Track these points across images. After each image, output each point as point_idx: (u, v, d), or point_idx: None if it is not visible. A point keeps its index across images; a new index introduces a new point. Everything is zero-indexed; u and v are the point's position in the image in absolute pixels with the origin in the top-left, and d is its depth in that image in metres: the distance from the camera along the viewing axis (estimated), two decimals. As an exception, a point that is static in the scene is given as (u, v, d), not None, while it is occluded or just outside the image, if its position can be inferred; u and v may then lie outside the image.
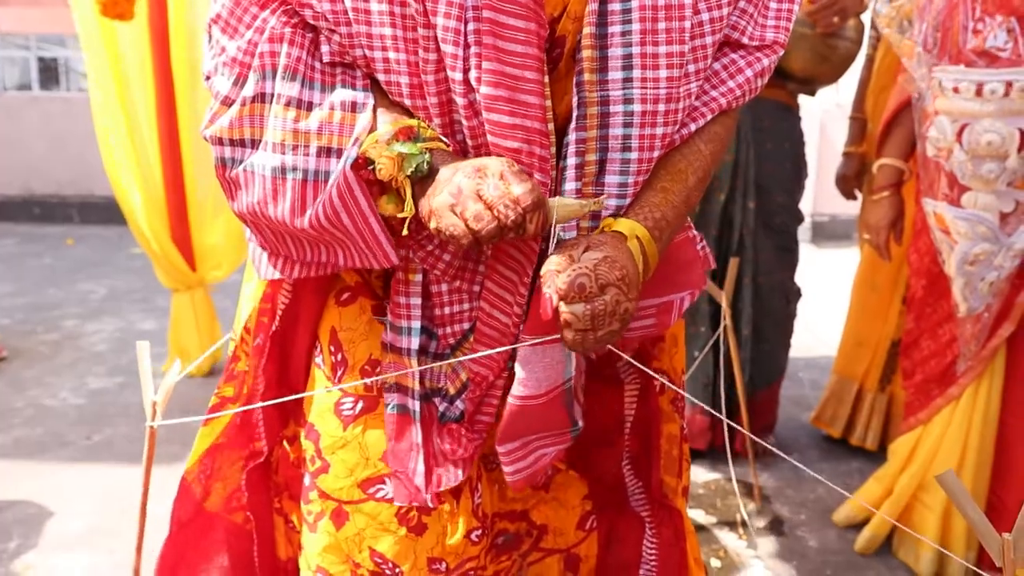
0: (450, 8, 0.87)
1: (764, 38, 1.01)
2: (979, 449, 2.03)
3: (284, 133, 0.91)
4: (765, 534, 2.34)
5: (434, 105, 0.92)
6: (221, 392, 1.19)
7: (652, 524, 1.22)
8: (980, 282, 1.86)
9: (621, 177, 0.95)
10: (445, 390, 1.04)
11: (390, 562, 1.05)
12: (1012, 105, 1.69)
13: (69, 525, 2.34)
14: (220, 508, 1.22)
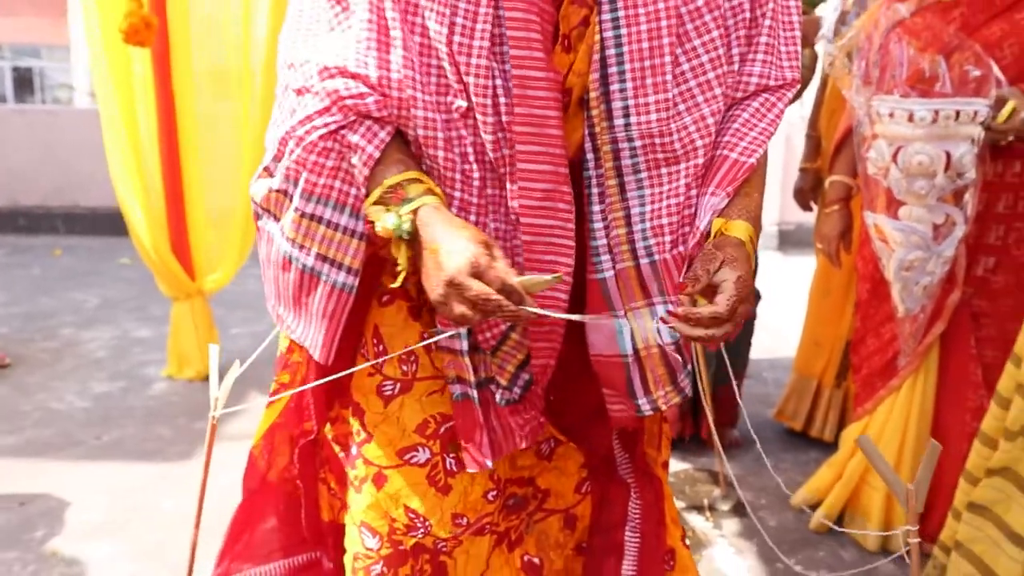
0: (479, 72, 1.10)
1: (784, 78, 1.25)
2: (917, 433, 2.27)
3: (295, 233, 1.16)
4: (729, 516, 2.57)
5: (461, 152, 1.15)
6: (279, 379, 1.40)
7: (636, 489, 1.43)
8: (915, 286, 2.11)
9: (637, 191, 1.18)
10: (497, 380, 1.25)
11: (421, 516, 1.26)
12: (939, 131, 1.93)
13: (87, 517, 2.52)
14: (276, 478, 1.44)
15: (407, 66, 1.11)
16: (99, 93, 3.44)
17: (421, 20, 1.12)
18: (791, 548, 2.38)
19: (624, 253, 1.20)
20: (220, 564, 1.49)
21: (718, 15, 1.18)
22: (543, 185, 1.14)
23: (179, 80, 3.47)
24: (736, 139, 1.21)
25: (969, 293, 2.18)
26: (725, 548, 2.40)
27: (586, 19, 1.16)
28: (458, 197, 1.17)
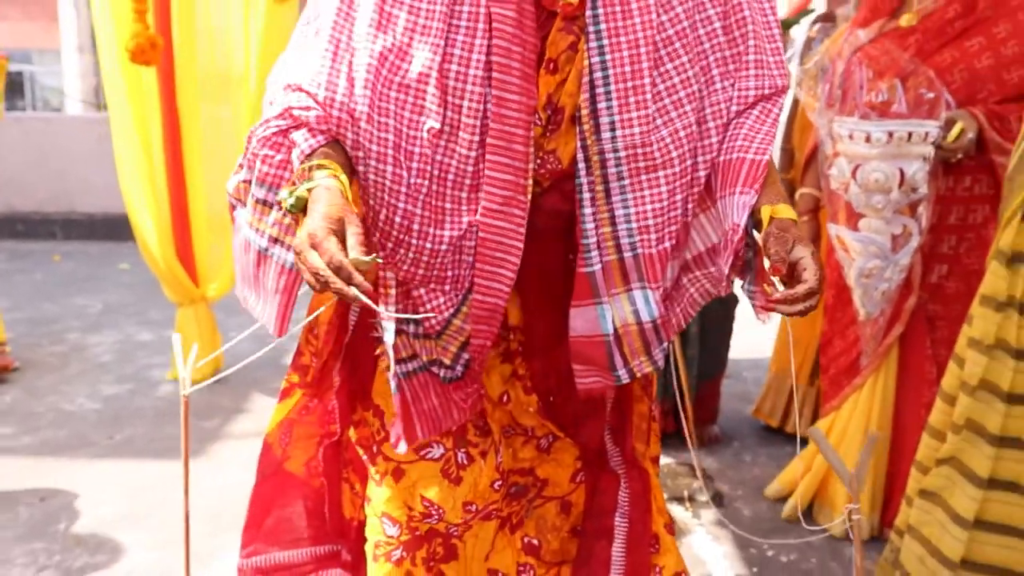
0: (472, 96, 1.26)
1: (776, 85, 1.39)
2: (878, 427, 2.45)
3: (252, 217, 1.31)
4: (707, 507, 2.75)
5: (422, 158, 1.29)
6: (290, 378, 1.57)
7: (626, 479, 1.58)
8: (874, 292, 2.29)
9: (622, 198, 1.34)
10: (441, 360, 1.40)
11: (436, 505, 1.43)
12: (893, 150, 2.11)
13: (105, 510, 2.68)
14: (301, 472, 1.59)
15: (349, 91, 1.27)
16: (111, 104, 3.59)
17: (403, 46, 1.27)
18: (764, 535, 2.56)
19: (609, 248, 1.35)
20: (246, 547, 1.64)
21: (687, 42, 1.34)
22: (504, 192, 1.29)
23: (183, 91, 3.62)
24: (748, 142, 1.35)
25: (925, 298, 2.36)
26: (703, 536, 2.58)
27: (574, 45, 1.32)
28: (402, 208, 1.30)
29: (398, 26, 1.27)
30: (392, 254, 1.33)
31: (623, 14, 1.29)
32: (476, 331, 1.35)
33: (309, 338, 1.54)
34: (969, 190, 2.29)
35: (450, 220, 1.31)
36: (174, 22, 3.56)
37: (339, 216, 1.14)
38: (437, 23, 1.26)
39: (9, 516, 2.63)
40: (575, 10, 1.30)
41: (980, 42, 2.27)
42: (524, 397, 1.49)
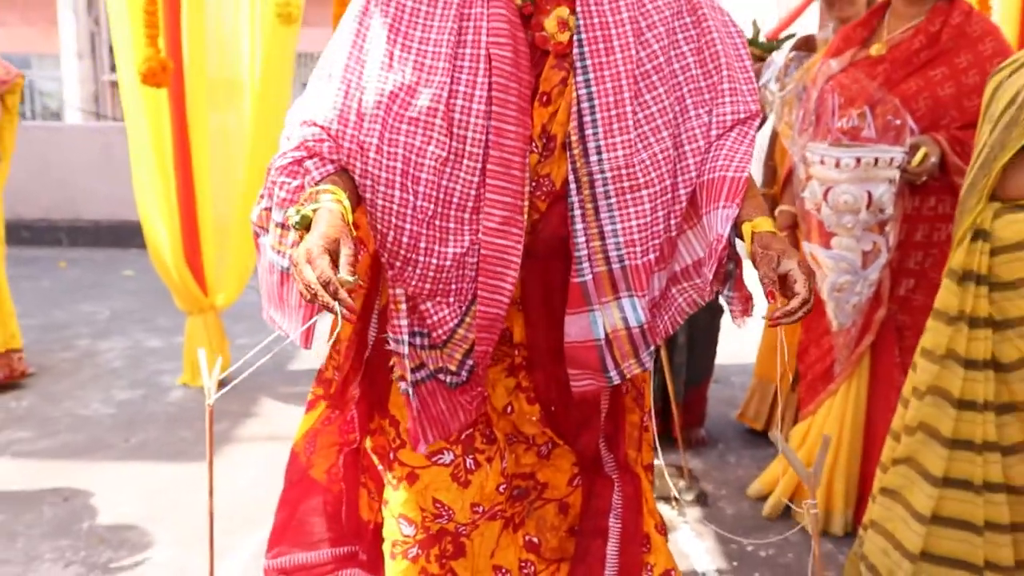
0: (476, 128, 1.42)
1: (750, 110, 1.55)
2: (851, 430, 2.63)
3: (275, 240, 1.47)
4: (692, 505, 2.92)
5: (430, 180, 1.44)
6: (314, 391, 1.73)
7: (619, 483, 1.73)
8: (846, 304, 2.46)
9: (609, 214, 1.49)
10: (447, 367, 1.55)
11: (446, 506, 1.59)
12: (861, 174, 2.28)
13: (125, 510, 2.84)
14: (323, 479, 1.75)
15: (358, 126, 1.43)
16: (128, 119, 3.75)
17: (413, 85, 1.42)
18: (745, 532, 2.73)
19: (599, 260, 1.50)
20: (272, 548, 1.80)
21: (663, 75, 1.50)
22: (503, 213, 1.44)
23: (192, 106, 3.77)
24: (728, 162, 1.49)
25: (894, 310, 2.53)
26: (687, 532, 2.75)
27: (564, 80, 1.49)
28: (409, 228, 1.44)
29: (407, 67, 1.43)
30: (400, 271, 1.48)
31: (606, 51, 1.46)
32: (480, 338, 1.50)
33: (332, 354, 1.70)
34: (934, 209, 2.45)
35: (454, 239, 1.46)
36: (184, 42, 3.72)
37: (336, 237, 1.28)
38: (443, 63, 1.42)
39: (35, 515, 2.79)
40: (565, 48, 1.48)
41: (943, 72, 2.45)
42: (527, 407, 1.64)
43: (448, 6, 1.46)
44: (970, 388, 1.97)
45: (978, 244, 1.96)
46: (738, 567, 2.57)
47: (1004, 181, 1.92)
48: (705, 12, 1.54)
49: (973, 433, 1.97)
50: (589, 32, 1.47)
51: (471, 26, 1.44)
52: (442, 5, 1.46)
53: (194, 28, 3.72)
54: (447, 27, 1.45)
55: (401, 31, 1.46)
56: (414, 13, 1.46)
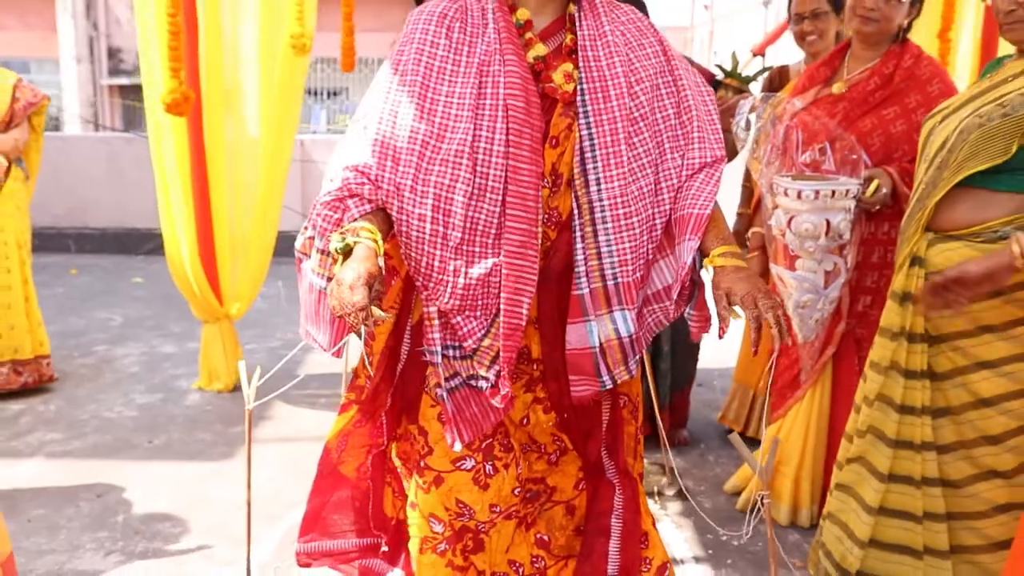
0: (496, 166, 1.67)
1: (716, 155, 1.80)
2: (816, 433, 2.91)
3: (316, 265, 1.71)
4: (673, 500, 3.20)
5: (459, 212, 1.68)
6: (348, 396, 1.98)
7: (619, 487, 1.94)
8: (809, 320, 2.74)
9: (606, 237, 1.75)
10: (478, 373, 1.76)
11: (468, 506, 1.83)
12: (820, 205, 2.54)
13: (155, 504, 3.11)
14: (352, 475, 2.00)
15: (395, 170, 1.67)
16: (152, 135, 3.98)
17: (441, 131, 1.67)
18: (721, 524, 3.00)
19: (596, 277, 1.77)
20: (304, 535, 2.05)
21: (648, 122, 1.79)
22: (521, 238, 1.69)
23: (209, 116, 4.00)
24: (695, 200, 1.76)
25: (852, 324, 2.81)
26: (669, 524, 3.03)
27: (570, 125, 1.76)
28: (439, 254, 1.69)
29: (436, 117, 1.69)
30: (433, 291, 1.73)
31: (604, 100, 1.73)
32: (505, 345, 1.73)
33: (364, 365, 1.95)
34: (887, 234, 2.73)
35: (479, 262, 1.70)
36: (201, 69, 3.96)
37: (375, 273, 1.55)
38: (467, 112, 1.68)
39: (73, 510, 3.05)
40: (570, 97, 1.75)
41: (895, 110, 2.73)
42: (543, 416, 1.89)
43: (470, 64, 1.71)
44: (910, 395, 2.24)
45: (915, 269, 2.24)
46: (713, 554, 2.85)
47: (937, 215, 2.20)
48: (680, 73, 1.82)
49: (913, 435, 2.25)
50: (590, 84, 1.74)
51: (490, 81, 1.69)
52: (465, 64, 1.71)
53: (212, 55, 3.97)
54: (469, 82, 1.70)
55: (430, 87, 1.70)
56: (441, 71, 1.71)
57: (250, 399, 2.10)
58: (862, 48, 2.82)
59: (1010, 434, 2.19)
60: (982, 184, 2.12)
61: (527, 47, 1.76)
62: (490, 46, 1.71)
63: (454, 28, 1.74)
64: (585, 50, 1.76)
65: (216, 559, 2.74)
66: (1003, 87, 2.13)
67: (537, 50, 1.76)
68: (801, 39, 3.44)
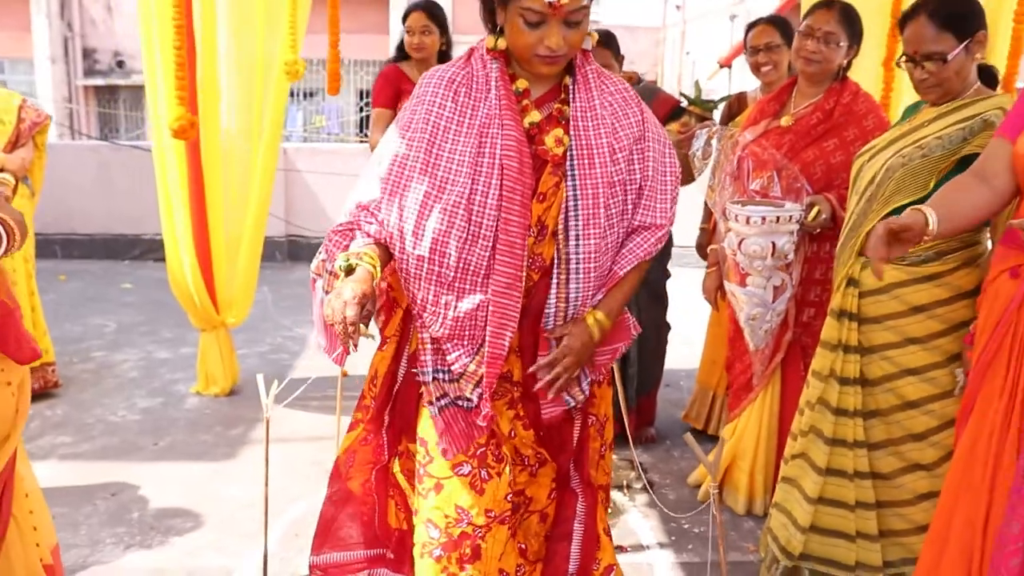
0: (489, 216, 1.89)
1: (656, 222, 2.02)
2: (768, 431, 3.23)
3: (327, 284, 1.97)
4: (640, 492, 3.51)
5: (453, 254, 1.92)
6: (355, 416, 2.19)
7: (582, 496, 2.17)
8: (759, 330, 3.05)
9: (575, 284, 1.97)
10: (463, 395, 1.98)
11: (466, 510, 1.98)
12: (767, 229, 2.85)
13: (166, 502, 3.37)
14: (359, 491, 2.19)
15: (399, 216, 1.91)
16: (157, 150, 4.23)
17: (443, 184, 1.90)
18: (683, 513, 3.32)
19: (561, 317, 2.00)
20: (317, 550, 2.24)
21: (624, 187, 2.00)
22: (507, 280, 1.91)
23: (206, 126, 4.22)
24: (620, 259, 2.03)
25: (798, 333, 3.13)
26: (636, 514, 3.35)
27: (557, 184, 1.96)
28: (434, 289, 1.92)
29: (439, 171, 1.92)
30: (427, 321, 1.97)
31: (589, 167, 1.95)
32: (488, 372, 1.95)
33: (370, 386, 2.19)
34: (828, 253, 3.04)
35: (468, 298, 1.92)
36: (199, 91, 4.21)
37: (369, 294, 1.79)
38: (466, 169, 1.90)
39: (91, 508, 3.32)
40: (560, 159, 1.96)
41: (835, 143, 3.05)
42: (524, 432, 2.10)
43: (472, 126, 1.92)
44: (844, 400, 2.56)
45: (850, 289, 2.56)
46: (676, 541, 3.16)
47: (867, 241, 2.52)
48: (651, 143, 2.05)
49: (846, 434, 2.57)
50: (579, 152, 1.95)
51: (489, 142, 1.90)
52: (467, 125, 1.92)
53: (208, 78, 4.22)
54: (471, 142, 1.91)
55: (436, 143, 1.92)
56: (446, 131, 1.93)
57: (268, 407, 2.37)
58: (807, 85, 3.14)
59: (932, 431, 2.52)
60: (905, 215, 2.44)
61: (524, 112, 1.96)
62: (491, 111, 1.92)
63: (460, 92, 1.95)
64: (576, 121, 1.97)
65: (227, 551, 3.02)
66: (921, 130, 2.46)
67: (532, 116, 1.97)
68: (756, 70, 3.75)
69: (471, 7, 2.11)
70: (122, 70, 18.99)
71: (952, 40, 2.36)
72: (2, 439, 2.03)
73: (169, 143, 4.12)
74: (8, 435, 2.05)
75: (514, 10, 1.86)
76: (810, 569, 2.66)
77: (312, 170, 8.24)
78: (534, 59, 1.90)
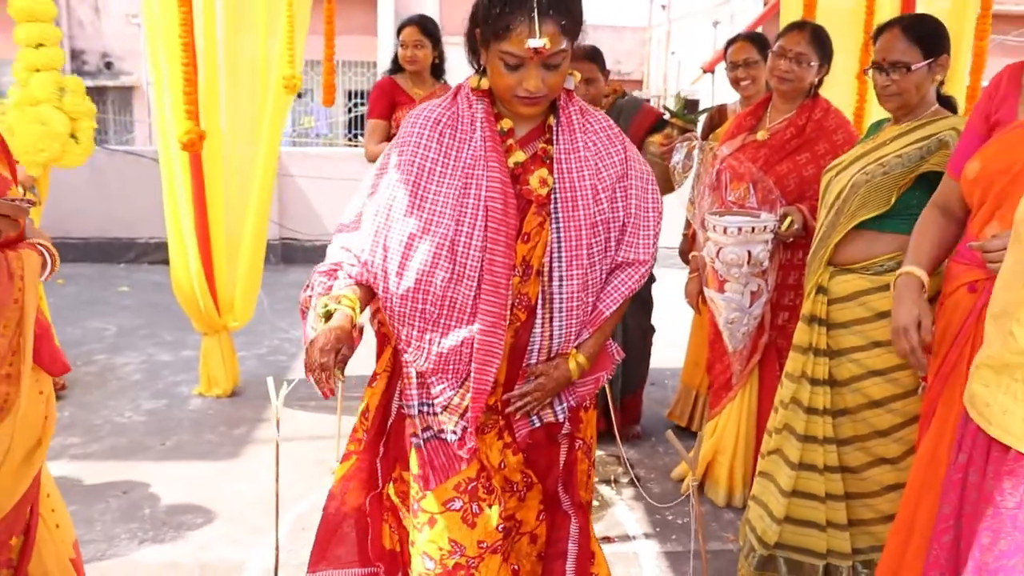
0: (473, 258, 1.90)
1: (639, 258, 2.04)
2: (747, 427, 3.43)
3: (311, 320, 2.00)
4: (627, 486, 3.71)
5: (437, 293, 1.92)
6: (348, 448, 2.19)
7: (575, 517, 2.20)
8: (737, 333, 3.25)
9: (559, 322, 1.99)
10: (446, 428, 2.00)
11: (459, 543, 2.00)
12: (743, 239, 3.04)
13: (175, 499, 3.54)
14: (354, 513, 2.19)
15: (384, 257, 1.94)
16: (164, 163, 4.38)
17: (428, 224, 1.91)
18: (665, 503, 3.52)
19: (544, 353, 2.04)
20: (313, 568, 2.24)
21: (607, 226, 2.02)
22: (492, 319, 1.92)
23: (209, 150, 4.38)
24: (606, 296, 2.06)
25: (774, 336, 3.33)
26: (623, 507, 3.54)
27: (541, 224, 1.98)
28: (419, 325, 1.94)
29: (424, 212, 1.94)
30: (413, 356, 2.00)
31: (572, 207, 1.98)
32: (473, 406, 1.98)
33: (362, 419, 2.19)
34: (801, 260, 3.23)
35: (453, 335, 1.94)
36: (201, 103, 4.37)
37: (343, 338, 1.85)
38: (450, 210, 1.92)
39: (104, 506, 3.48)
40: (544, 199, 1.98)
41: (807, 156, 3.25)
42: (512, 458, 2.12)
43: (456, 168, 1.95)
44: (815, 399, 2.76)
45: (820, 297, 2.75)
46: (660, 531, 3.36)
47: (836, 252, 2.71)
48: (633, 182, 2.07)
49: (817, 431, 2.76)
50: (563, 193, 1.98)
51: (474, 183, 1.92)
52: (452, 166, 1.95)
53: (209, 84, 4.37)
54: (456, 184, 1.93)
55: (421, 185, 1.95)
56: (431, 172, 1.96)
57: (278, 408, 2.54)
58: (781, 102, 3.33)
59: (896, 428, 2.70)
60: (870, 227, 2.63)
61: (509, 152, 1.98)
62: (476, 151, 1.94)
63: (445, 134, 1.98)
64: (560, 163, 1.99)
65: (238, 544, 3.20)
66: (883, 148, 2.65)
67: (517, 156, 1.99)
68: (736, 84, 3.95)
69: (460, 9, 2.11)
70: (110, 71, 19.03)
71: (919, 54, 2.54)
72: (35, 444, 2.16)
73: (176, 152, 4.27)
74: (40, 440, 2.19)
75: (494, 53, 1.89)
76: (784, 557, 2.85)
77: (304, 174, 8.40)
78: (514, 100, 1.93)
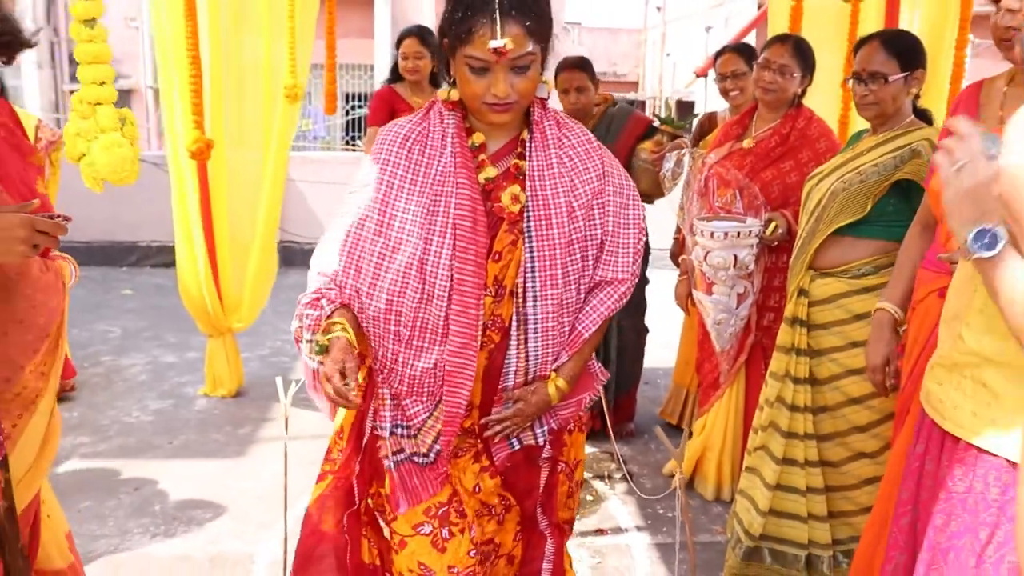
0: (443, 277, 1.84)
1: (618, 277, 1.98)
2: (734, 425, 3.56)
3: (307, 349, 1.86)
4: (620, 482, 3.84)
5: (408, 312, 1.87)
6: (323, 468, 2.14)
7: (551, 538, 2.18)
8: (725, 333, 3.38)
9: (534, 344, 1.94)
10: (419, 451, 1.96)
11: (428, 567, 1.96)
12: (729, 243, 3.18)
13: (184, 495, 3.67)
14: (332, 531, 2.11)
15: (356, 277, 1.90)
16: (174, 164, 4.51)
17: (396, 244, 1.87)
18: (658, 500, 3.65)
19: (520, 375, 1.98)
20: None
21: (583, 244, 1.96)
22: (463, 340, 1.87)
23: (214, 159, 4.49)
24: (585, 317, 2.01)
25: (760, 336, 3.46)
26: (616, 501, 3.67)
27: (514, 242, 1.91)
28: (392, 347, 1.90)
29: (393, 231, 1.89)
30: (387, 377, 1.97)
31: (546, 226, 1.92)
32: (445, 429, 1.95)
33: (336, 439, 2.17)
34: (785, 263, 3.35)
35: (425, 356, 1.90)
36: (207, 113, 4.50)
37: (345, 360, 1.80)
38: (419, 228, 1.87)
39: (116, 502, 3.61)
40: (516, 216, 1.92)
41: (791, 164, 3.38)
42: (490, 481, 2.08)
43: (425, 184, 1.90)
44: (797, 397, 2.89)
45: (801, 299, 2.88)
46: (651, 524, 3.50)
47: (816, 257, 2.84)
48: (610, 198, 2.00)
49: (799, 428, 2.90)
50: (535, 212, 1.92)
51: (443, 200, 1.88)
52: (421, 183, 1.90)
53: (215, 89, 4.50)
54: (424, 201, 1.89)
55: (389, 203, 1.91)
56: (400, 189, 1.91)
57: (286, 407, 2.66)
58: (765, 111, 3.47)
59: (874, 424, 2.84)
60: (848, 233, 2.77)
61: (480, 168, 1.93)
62: (446, 167, 1.90)
63: (414, 150, 1.93)
64: (533, 180, 1.93)
65: (246, 538, 3.33)
66: (861, 158, 2.78)
67: (488, 172, 1.93)
68: (725, 94, 4.09)
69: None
70: (109, 75, 19.12)
71: (896, 67, 2.68)
72: (43, 443, 2.28)
73: (185, 159, 4.41)
74: (47, 439, 2.31)
75: (460, 59, 1.83)
76: (769, 548, 2.98)
77: (303, 178, 8.53)
78: (483, 107, 1.86)
